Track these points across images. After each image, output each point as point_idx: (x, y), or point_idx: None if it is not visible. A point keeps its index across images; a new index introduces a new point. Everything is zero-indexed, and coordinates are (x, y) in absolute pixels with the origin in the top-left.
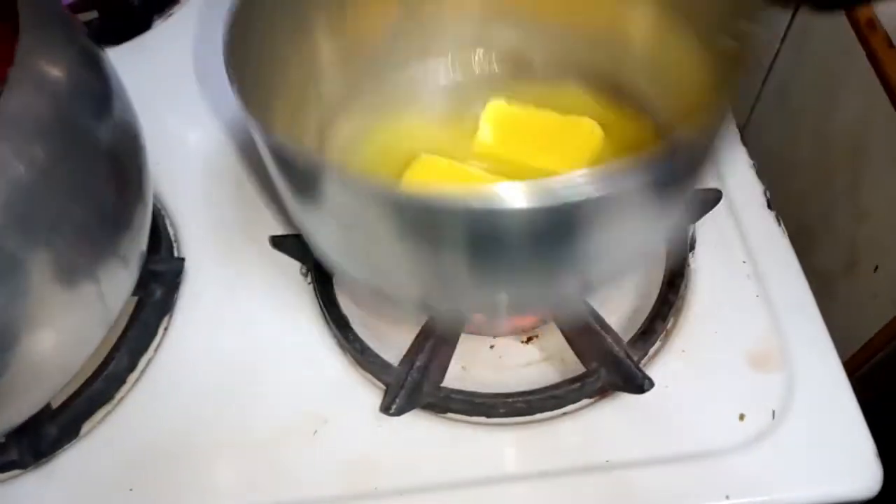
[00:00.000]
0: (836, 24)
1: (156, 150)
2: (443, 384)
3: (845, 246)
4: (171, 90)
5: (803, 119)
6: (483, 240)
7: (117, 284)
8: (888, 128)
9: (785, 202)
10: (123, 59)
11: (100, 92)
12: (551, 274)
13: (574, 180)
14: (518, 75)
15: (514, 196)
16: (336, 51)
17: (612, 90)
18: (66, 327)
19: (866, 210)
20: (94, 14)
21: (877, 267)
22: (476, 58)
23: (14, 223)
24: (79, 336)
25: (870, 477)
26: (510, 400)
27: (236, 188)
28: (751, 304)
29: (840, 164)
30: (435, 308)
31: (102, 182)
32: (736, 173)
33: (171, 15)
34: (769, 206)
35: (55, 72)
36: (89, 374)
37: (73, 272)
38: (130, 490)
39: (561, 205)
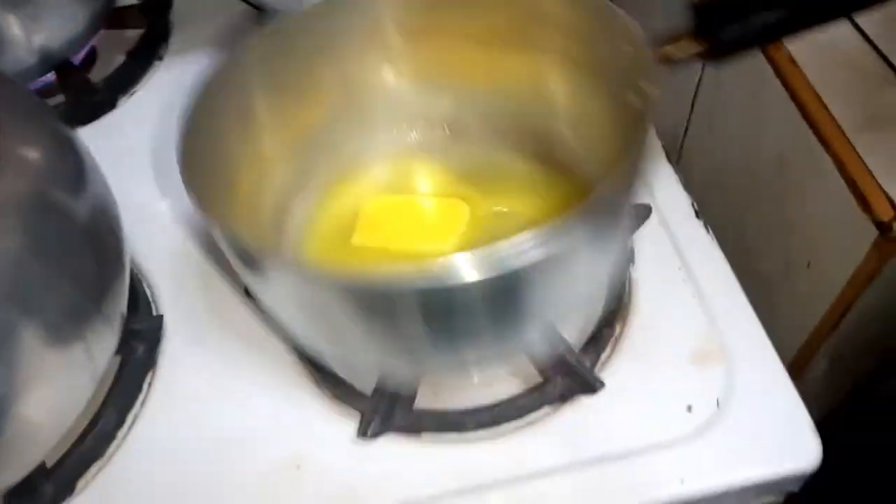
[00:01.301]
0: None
1: (128, 219)
2: (414, 407)
3: (780, 251)
4: (139, 163)
5: (731, 141)
6: (439, 313)
7: (102, 342)
8: (803, 138)
9: (723, 219)
10: (92, 138)
11: (75, 170)
12: (510, 331)
13: (514, 247)
14: (456, 140)
15: (465, 271)
16: (282, 143)
17: (544, 149)
18: (59, 386)
19: (793, 217)
20: (60, 97)
21: (809, 262)
22: (415, 128)
23: (6, 295)
24: (70, 393)
25: (811, 451)
26: (476, 414)
27: (208, 246)
28: (689, 305)
29: (767, 178)
30: (395, 374)
31: (83, 252)
32: (664, 189)
33: (134, 93)
34: (697, 216)
35: (34, 156)
36: (80, 432)
37: (62, 335)
38: None
39: (509, 272)
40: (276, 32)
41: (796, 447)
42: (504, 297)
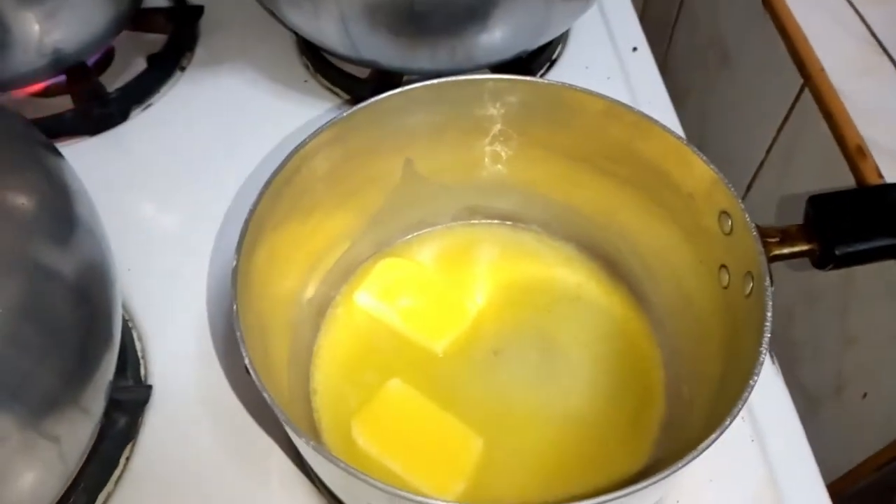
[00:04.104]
0: (824, 142)
1: (126, 253)
2: None
3: (832, 369)
4: (147, 186)
5: None
6: None
7: (78, 438)
8: None
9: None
10: (97, 152)
11: (66, 219)
12: None
13: None
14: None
15: None
16: (338, 229)
17: (607, 264)
18: (19, 495)
19: (854, 335)
20: (68, 101)
21: (865, 394)
22: (474, 218)
23: None
24: (33, 500)
25: None
26: None
27: (214, 308)
28: (746, 448)
29: (828, 285)
30: None
31: (68, 329)
32: None
33: (150, 105)
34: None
35: (20, 201)
36: None
37: (31, 438)
38: None
39: None
40: (345, 125)
41: None
42: None
